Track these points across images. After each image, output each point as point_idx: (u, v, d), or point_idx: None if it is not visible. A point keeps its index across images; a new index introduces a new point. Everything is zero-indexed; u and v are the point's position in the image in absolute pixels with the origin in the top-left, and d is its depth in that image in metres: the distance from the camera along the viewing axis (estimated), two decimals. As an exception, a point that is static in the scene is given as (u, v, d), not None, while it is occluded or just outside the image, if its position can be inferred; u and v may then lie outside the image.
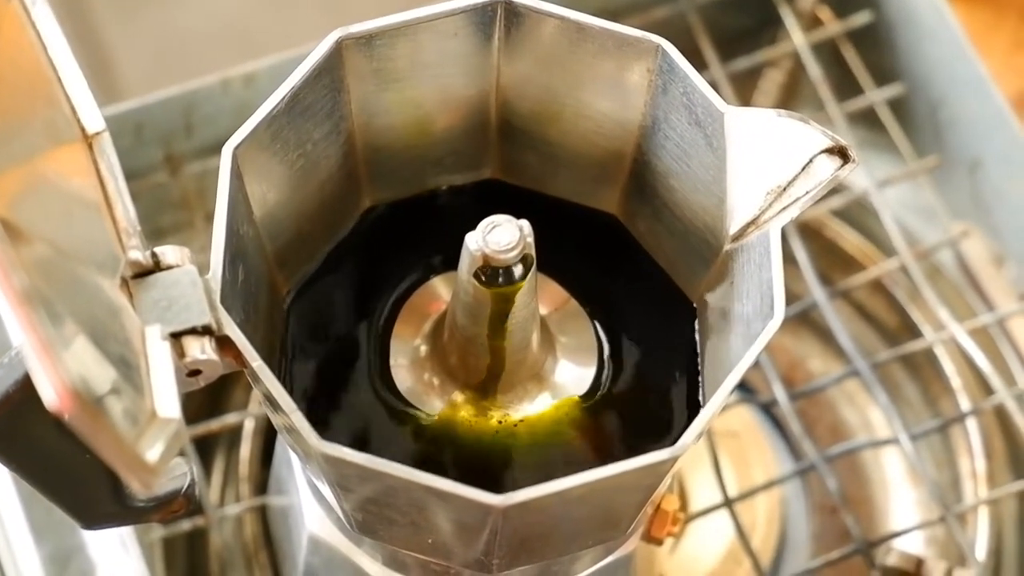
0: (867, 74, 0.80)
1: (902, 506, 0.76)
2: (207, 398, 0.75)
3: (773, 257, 0.49)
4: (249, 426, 0.74)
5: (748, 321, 0.51)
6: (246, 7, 1.08)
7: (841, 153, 0.51)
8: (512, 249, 0.49)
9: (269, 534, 0.71)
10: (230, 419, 0.72)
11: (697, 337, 0.56)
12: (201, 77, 0.75)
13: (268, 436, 0.74)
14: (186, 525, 0.71)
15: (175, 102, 0.75)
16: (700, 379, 0.55)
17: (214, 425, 0.72)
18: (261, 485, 0.73)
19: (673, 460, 0.48)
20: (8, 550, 0.69)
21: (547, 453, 0.54)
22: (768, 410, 0.77)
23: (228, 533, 0.73)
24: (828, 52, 0.81)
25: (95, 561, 0.68)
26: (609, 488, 0.48)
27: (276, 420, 0.53)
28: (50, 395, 0.36)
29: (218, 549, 0.71)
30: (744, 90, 0.82)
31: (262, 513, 0.72)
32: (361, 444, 0.53)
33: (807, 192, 0.51)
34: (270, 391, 0.47)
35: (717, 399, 0.48)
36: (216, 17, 1.08)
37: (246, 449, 0.73)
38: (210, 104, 0.75)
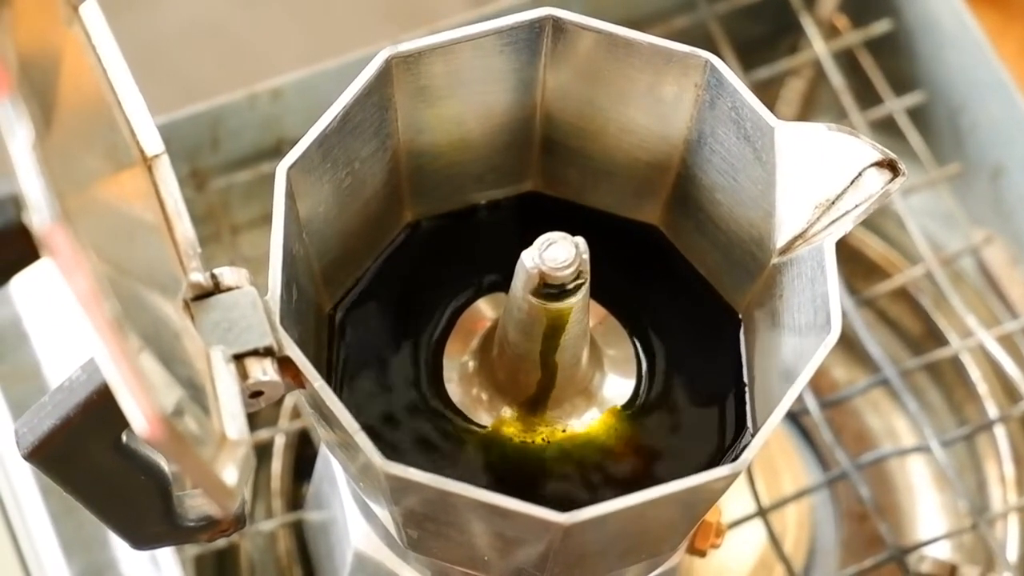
0: (887, 82, 0.81)
1: (928, 513, 0.76)
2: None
3: (828, 271, 0.49)
4: (280, 442, 0.74)
5: (801, 334, 0.51)
6: (220, 9, 1.08)
7: (891, 166, 0.51)
8: (568, 266, 0.50)
9: (303, 550, 0.71)
10: (261, 435, 0.72)
11: (743, 348, 0.56)
12: (174, 80, 0.75)
13: (299, 452, 0.74)
14: (220, 542, 0.71)
15: (201, 117, 0.75)
16: (747, 390, 0.55)
17: (246, 441, 0.71)
18: (293, 501, 0.73)
19: (734, 476, 0.48)
20: (39, 567, 0.69)
21: (597, 467, 0.54)
22: (795, 419, 0.77)
23: (260, 549, 0.72)
24: (848, 60, 0.82)
25: (126, 578, 0.69)
26: (666, 504, 0.48)
27: (329, 438, 0.53)
28: (140, 422, 0.36)
29: (250, 566, 0.71)
30: (766, 99, 0.80)
31: (295, 529, 0.72)
32: (412, 461, 0.53)
33: (856, 205, 0.51)
34: (332, 411, 0.47)
35: (776, 417, 0.48)
36: (191, 20, 1.08)
37: (277, 465, 0.73)
38: (236, 119, 0.75)
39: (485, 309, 0.56)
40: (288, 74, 0.75)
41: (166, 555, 0.68)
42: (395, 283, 0.57)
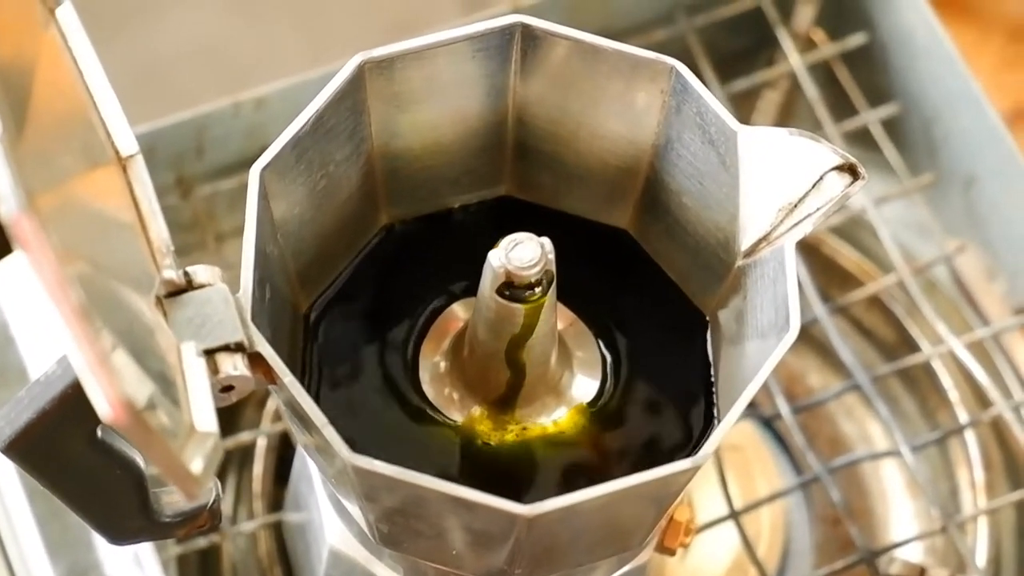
0: (862, 94, 0.82)
1: (901, 517, 0.77)
2: (220, 417, 0.75)
3: (788, 272, 0.51)
4: (262, 444, 0.75)
5: (763, 334, 0.52)
6: (221, 31, 1.09)
7: (851, 170, 0.52)
8: (534, 266, 0.51)
9: (283, 551, 0.72)
10: (243, 437, 0.74)
11: (710, 349, 0.57)
12: (176, 100, 0.76)
13: (281, 454, 0.75)
14: (201, 542, 0.72)
15: (186, 125, 0.76)
16: (713, 390, 0.56)
17: (228, 443, 0.73)
18: (274, 502, 0.74)
19: (695, 469, 0.49)
20: (24, 568, 0.70)
21: (566, 463, 0.55)
22: (769, 424, 0.78)
23: (242, 550, 0.74)
24: (823, 73, 0.83)
25: (110, 579, 0.70)
26: (629, 497, 0.50)
27: (301, 437, 0.54)
28: (104, 408, 0.37)
29: (232, 566, 0.72)
30: (742, 111, 0.83)
31: (276, 530, 0.73)
32: (384, 457, 0.54)
33: (818, 208, 0.52)
34: (301, 406, 0.48)
35: (736, 410, 0.49)
36: (192, 41, 1.09)
37: (259, 467, 0.74)
38: (221, 127, 0.76)
39: (459, 311, 0.57)
40: (272, 83, 0.76)
41: (149, 556, 0.69)
42: (371, 285, 0.58)
